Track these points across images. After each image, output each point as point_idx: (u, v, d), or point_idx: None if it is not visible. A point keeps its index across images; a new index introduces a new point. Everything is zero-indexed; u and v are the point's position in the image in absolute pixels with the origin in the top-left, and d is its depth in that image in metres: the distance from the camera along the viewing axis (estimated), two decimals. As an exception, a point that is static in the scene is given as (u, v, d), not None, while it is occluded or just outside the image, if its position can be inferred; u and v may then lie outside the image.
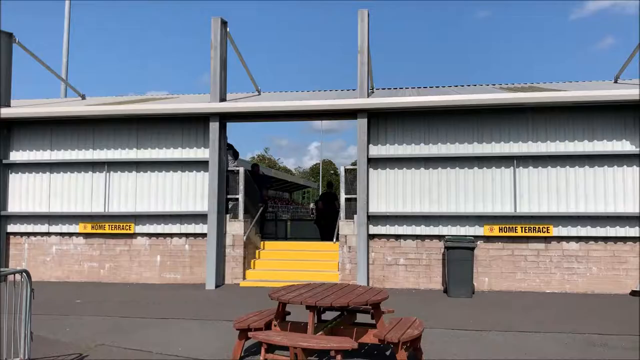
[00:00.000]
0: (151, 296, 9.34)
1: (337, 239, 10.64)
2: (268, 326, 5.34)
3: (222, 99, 10.97)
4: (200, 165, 10.94)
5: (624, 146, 9.78)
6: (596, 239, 9.77)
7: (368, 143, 10.39)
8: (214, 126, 10.71)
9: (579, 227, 9.76)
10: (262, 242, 11.99)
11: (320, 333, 5.05)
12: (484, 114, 10.21)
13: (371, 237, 10.37)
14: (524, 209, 9.94)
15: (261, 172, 14.53)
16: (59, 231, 11.33)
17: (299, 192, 72.89)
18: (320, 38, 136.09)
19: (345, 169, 10.85)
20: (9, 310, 4.96)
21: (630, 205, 9.67)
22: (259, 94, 13.52)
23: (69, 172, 11.38)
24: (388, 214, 10.29)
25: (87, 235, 11.28)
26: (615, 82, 12.14)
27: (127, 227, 11.05)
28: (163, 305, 8.37)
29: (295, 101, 10.78)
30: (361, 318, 5.88)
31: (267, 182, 15.51)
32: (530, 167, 10.01)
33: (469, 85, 13.47)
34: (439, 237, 10.17)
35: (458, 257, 9.32)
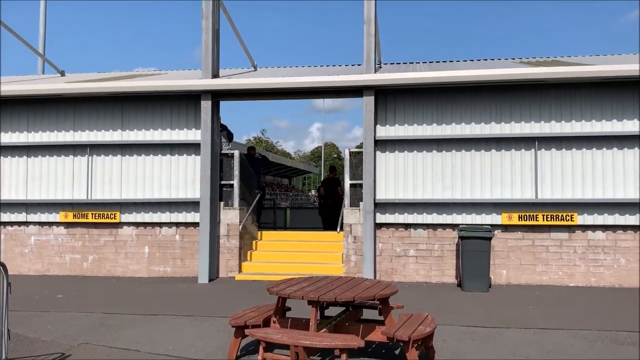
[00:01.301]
0: (139, 291, 9.36)
1: (341, 229, 10.63)
2: (266, 323, 5.34)
3: (215, 75, 10.89)
4: (191, 148, 10.90)
5: (657, 126, 9.70)
6: (625, 227, 9.73)
7: (375, 123, 10.33)
8: (206, 105, 10.65)
9: (606, 214, 9.73)
10: (259, 232, 12.00)
11: (323, 330, 5.04)
12: (502, 91, 10.12)
13: (378, 226, 10.36)
14: (545, 195, 9.90)
15: (258, 155, 14.50)
16: (38, 220, 11.34)
17: (299, 178, 73.02)
18: (323, 9, 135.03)
19: (350, 152, 10.82)
20: (-16, 306, 4.95)
21: (662, 191, 9.63)
22: (255, 70, 13.43)
23: (48, 156, 11.36)
24: (397, 201, 10.27)
25: (68, 225, 11.29)
26: (648, 55, 12.01)
27: (112, 216, 11.06)
28: (152, 301, 8.39)
29: (295, 77, 10.70)
30: (368, 314, 5.88)
31: (265, 166, 15.48)
32: (553, 149, 9.95)
33: (485, 60, 13.36)
34: (453, 226, 10.16)
35: (473, 247, 9.31)
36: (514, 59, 13.16)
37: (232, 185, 10.99)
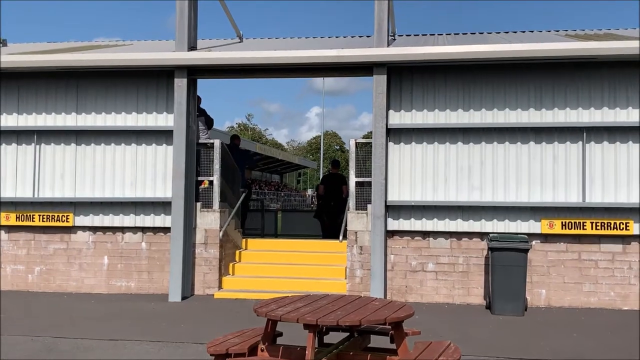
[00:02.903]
0: (96, 310, 9.36)
1: (345, 237, 10.64)
2: (253, 351, 5.33)
3: (192, 47, 10.87)
4: (161, 135, 10.89)
5: None
6: (691, 239, 9.76)
7: (388, 108, 10.32)
8: (181, 83, 10.62)
9: (669, 222, 9.75)
10: (244, 240, 12.01)
11: (322, 361, 5.04)
12: (544, 71, 10.11)
13: (390, 234, 10.37)
14: (595, 198, 9.90)
15: (242, 147, 14.49)
16: (-27, 223, 11.31)
17: (293, 174, 73.14)
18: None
19: (356, 142, 10.82)
20: None
21: None
22: (241, 41, 13.39)
23: (-15, 144, 11.32)
24: (413, 204, 10.28)
25: (10, 229, 11.26)
26: None
27: (64, 219, 11.04)
28: (112, 322, 8.38)
29: (290, 51, 10.68)
30: (376, 342, 5.87)
31: (251, 160, 15.49)
32: (606, 142, 9.95)
33: (523, 32, 13.33)
34: (481, 235, 10.16)
35: (506, 261, 9.32)
36: (557, 31, 13.14)
37: (211, 182, 10.97)
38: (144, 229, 10.97)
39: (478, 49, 9.98)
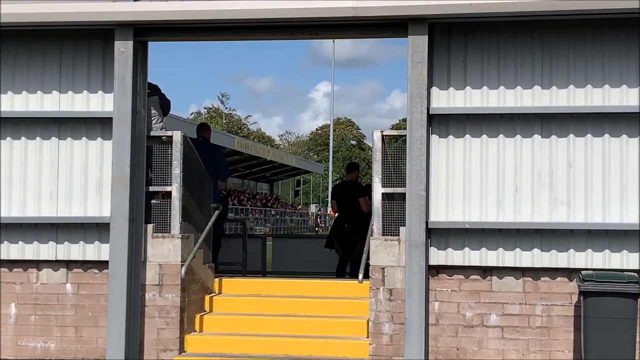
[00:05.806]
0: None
1: (367, 276, 10.65)
2: None
3: (140, -6, 10.91)
4: (95, 125, 10.95)
5: None
6: None
7: (430, 85, 10.35)
8: (124, 49, 10.64)
9: None
10: (217, 280, 12.08)
11: None
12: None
13: (434, 271, 10.39)
14: None
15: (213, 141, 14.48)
16: None
17: (289, 182, 73.09)
18: None
19: (382, 135, 10.80)
20: None
21: None
22: (213, -14, 13.46)
23: None
24: (468, 226, 10.29)
25: None
26: None
27: (-48, 248, 11.08)
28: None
29: (282, 0, 10.65)
30: None
31: (224, 164, 15.38)
32: None
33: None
34: (569, 273, 10.16)
35: (607, 312, 9.30)
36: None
37: (169, 194, 11.02)
38: (69, 264, 10.99)
39: (563, -3, 9.98)
